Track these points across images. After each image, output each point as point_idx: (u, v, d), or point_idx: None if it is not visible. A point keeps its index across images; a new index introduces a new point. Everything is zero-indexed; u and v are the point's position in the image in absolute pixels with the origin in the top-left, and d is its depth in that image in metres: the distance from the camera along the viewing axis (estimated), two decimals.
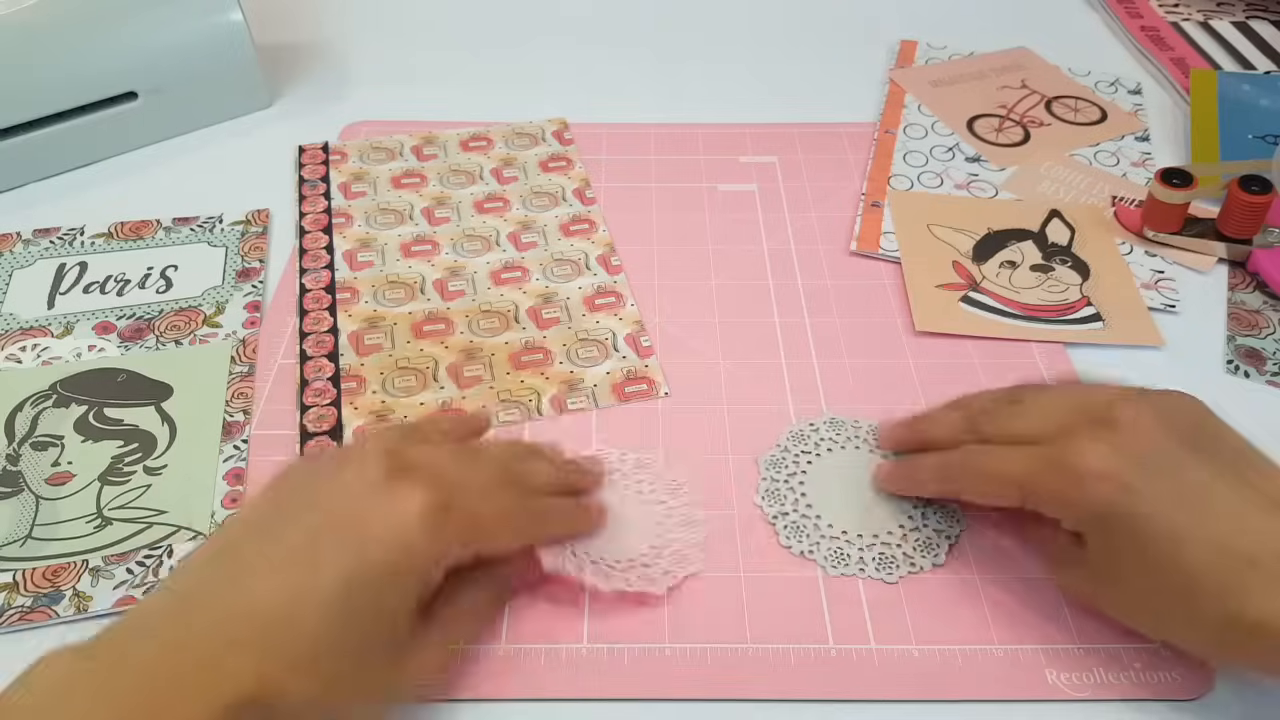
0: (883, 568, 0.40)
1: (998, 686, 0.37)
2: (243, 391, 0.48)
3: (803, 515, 0.42)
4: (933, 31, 0.76)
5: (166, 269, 0.55)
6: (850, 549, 0.41)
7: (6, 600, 0.39)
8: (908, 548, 0.41)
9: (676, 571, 0.40)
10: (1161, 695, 0.36)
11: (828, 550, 0.40)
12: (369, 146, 0.64)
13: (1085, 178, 0.61)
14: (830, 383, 0.48)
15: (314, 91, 0.70)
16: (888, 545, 0.41)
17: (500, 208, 0.59)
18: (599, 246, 0.56)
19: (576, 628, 0.38)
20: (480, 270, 0.55)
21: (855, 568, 0.40)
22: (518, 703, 0.36)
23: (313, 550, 0.31)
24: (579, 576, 0.37)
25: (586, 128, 0.66)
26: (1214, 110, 0.65)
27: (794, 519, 0.42)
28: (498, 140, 0.65)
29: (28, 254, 0.56)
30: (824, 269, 0.55)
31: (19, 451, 0.45)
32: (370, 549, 0.31)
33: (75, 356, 0.50)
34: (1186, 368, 0.49)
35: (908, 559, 0.40)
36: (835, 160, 0.63)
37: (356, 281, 0.54)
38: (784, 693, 0.36)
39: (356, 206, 0.59)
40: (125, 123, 0.63)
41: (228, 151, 0.64)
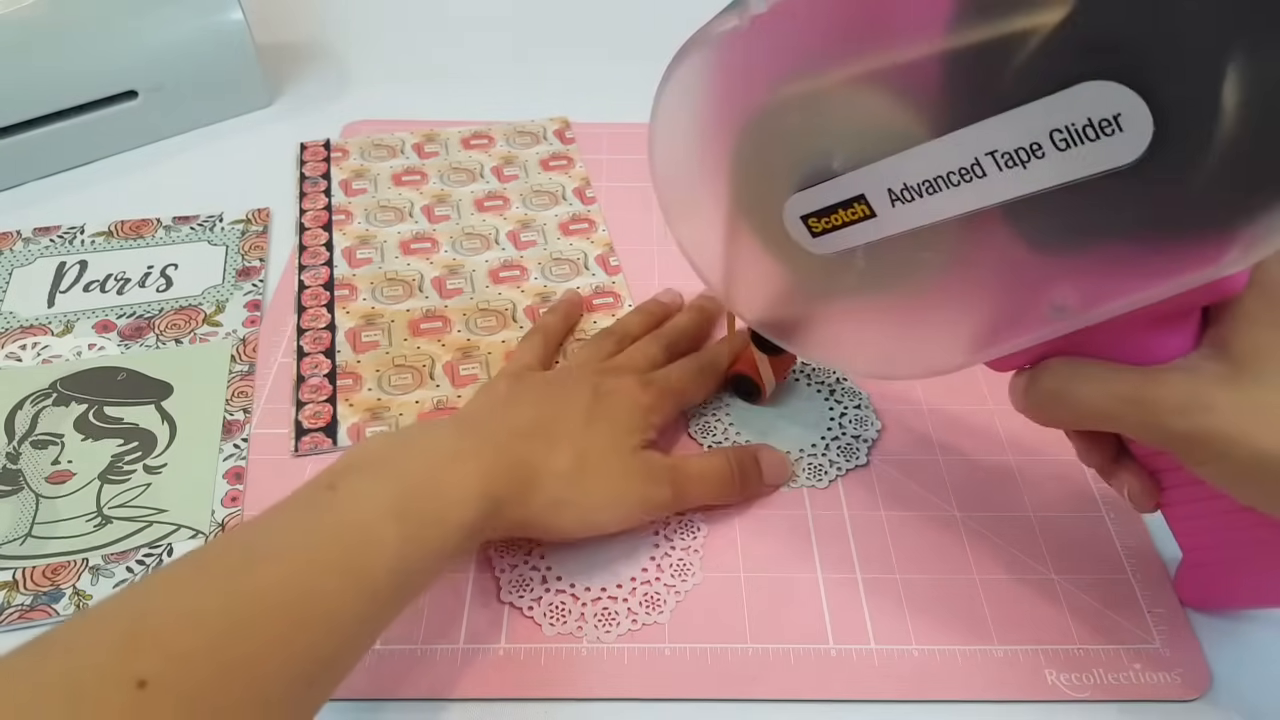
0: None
1: (998, 686, 0.37)
2: (243, 390, 0.48)
3: (532, 567, 0.41)
4: None
5: (167, 267, 0.55)
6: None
7: (6, 598, 0.39)
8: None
9: (842, 465, 0.44)
10: (1161, 695, 0.36)
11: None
12: (370, 144, 0.64)
13: None
14: None
15: (314, 91, 0.70)
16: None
17: (500, 206, 0.59)
18: (598, 246, 0.56)
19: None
20: (479, 269, 0.55)
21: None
22: (518, 703, 0.36)
23: (548, 422, 0.39)
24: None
25: (587, 127, 0.66)
26: None
27: (523, 571, 0.41)
28: (499, 138, 0.65)
29: (28, 252, 0.56)
30: None
31: (19, 450, 0.45)
32: (596, 433, 0.40)
33: (75, 355, 0.50)
34: None
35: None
36: None
37: (355, 278, 0.54)
38: (784, 693, 0.36)
39: (357, 204, 0.59)
40: (125, 122, 0.63)
41: (228, 150, 0.64)
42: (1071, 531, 0.42)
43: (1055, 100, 0.26)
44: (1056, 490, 0.43)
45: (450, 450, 0.35)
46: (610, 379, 0.42)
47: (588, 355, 0.45)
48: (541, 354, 0.46)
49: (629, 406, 0.41)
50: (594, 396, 0.41)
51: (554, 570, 0.40)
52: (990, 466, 0.45)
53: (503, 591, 0.39)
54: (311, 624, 0.29)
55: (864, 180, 0.32)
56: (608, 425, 0.40)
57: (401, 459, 0.34)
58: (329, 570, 0.30)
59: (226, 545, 0.31)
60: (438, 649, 0.38)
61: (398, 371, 0.48)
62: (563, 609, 0.39)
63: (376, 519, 0.31)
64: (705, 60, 0.35)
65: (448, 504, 0.33)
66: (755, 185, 0.36)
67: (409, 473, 0.34)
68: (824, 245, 0.34)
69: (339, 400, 0.47)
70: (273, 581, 0.29)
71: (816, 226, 0.34)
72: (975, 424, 0.46)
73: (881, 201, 0.32)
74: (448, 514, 0.33)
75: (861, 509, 0.43)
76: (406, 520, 0.32)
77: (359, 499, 0.32)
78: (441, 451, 0.35)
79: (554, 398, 0.41)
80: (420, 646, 0.38)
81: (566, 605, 0.39)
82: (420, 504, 0.33)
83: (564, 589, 0.39)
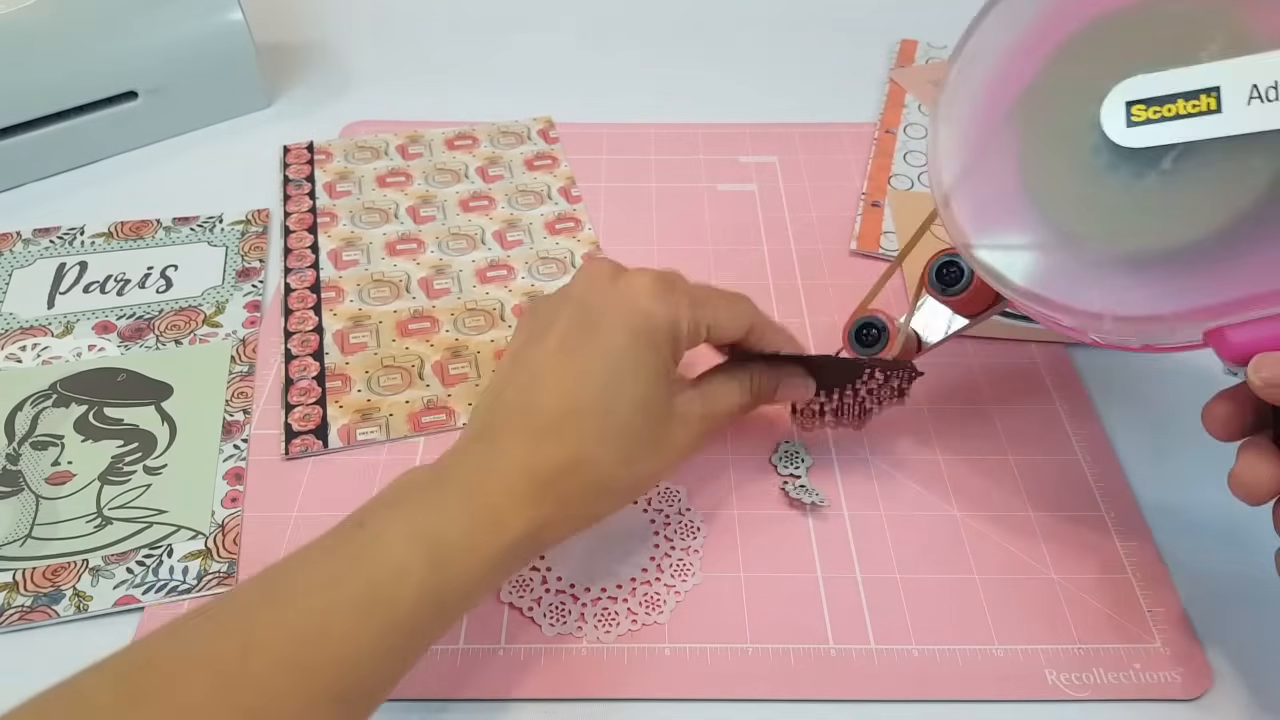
0: (603, 624, 0.39)
1: (998, 686, 0.37)
2: (243, 391, 0.48)
3: (532, 568, 0.39)
4: (933, 31, 0.76)
5: (166, 269, 0.55)
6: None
7: (6, 600, 0.39)
8: (633, 603, 0.39)
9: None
10: (1161, 695, 0.36)
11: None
12: (354, 146, 0.64)
13: None
14: None
15: (314, 91, 0.70)
16: (613, 600, 0.39)
17: (485, 206, 0.59)
18: (584, 245, 0.56)
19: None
20: (466, 269, 0.55)
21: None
22: (518, 703, 0.36)
23: (576, 357, 0.36)
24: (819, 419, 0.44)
25: (587, 127, 0.66)
26: None
27: (523, 572, 0.40)
28: (483, 139, 0.65)
29: (28, 253, 0.56)
30: (824, 269, 0.55)
31: (19, 451, 0.45)
32: (617, 329, 0.36)
33: (75, 356, 0.50)
34: (1187, 368, 0.49)
35: (630, 615, 0.39)
36: (835, 160, 0.63)
37: (341, 280, 0.54)
38: (784, 693, 0.36)
39: (341, 206, 0.59)
40: (125, 122, 0.63)
41: (228, 151, 0.64)
42: (1071, 531, 0.42)
43: None
44: (1056, 490, 0.43)
45: (476, 481, 0.33)
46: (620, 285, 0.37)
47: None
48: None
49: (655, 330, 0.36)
50: (629, 335, 0.36)
51: (554, 571, 0.40)
52: (990, 466, 0.45)
53: (503, 592, 0.39)
54: (330, 666, 0.28)
55: (1228, 72, 0.30)
56: (633, 375, 0.36)
57: (433, 490, 0.33)
58: (351, 609, 0.29)
59: (248, 587, 0.30)
60: (438, 649, 0.38)
61: (387, 372, 0.48)
62: (563, 609, 0.39)
63: (403, 551, 0.31)
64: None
65: (481, 533, 0.32)
66: (1084, 64, 0.33)
67: (440, 504, 0.32)
68: (1138, 137, 0.32)
69: (328, 402, 0.47)
70: (288, 626, 0.28)
71: (1140, 115, 0.32)
72: (975, 424, 0.46)
73: (1237, 97, 0.30)
74: (480, 543, 0.32)
75: (861, 509, 0.43)
76: (435, 551, 0.31)
77: (386, 533, 0.31)
78: (470, 482, 0.33)
79: (569, 350, 0.36)
80: None
81: (566, 605, 0.39)
82: (451, 535, 0.32)
83: (564, 589, 0.39)
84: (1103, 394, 0.48)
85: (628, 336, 0.36)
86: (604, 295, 0.37)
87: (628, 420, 0.35)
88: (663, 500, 0.43)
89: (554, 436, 0.34)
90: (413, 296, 0.53)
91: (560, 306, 0.37)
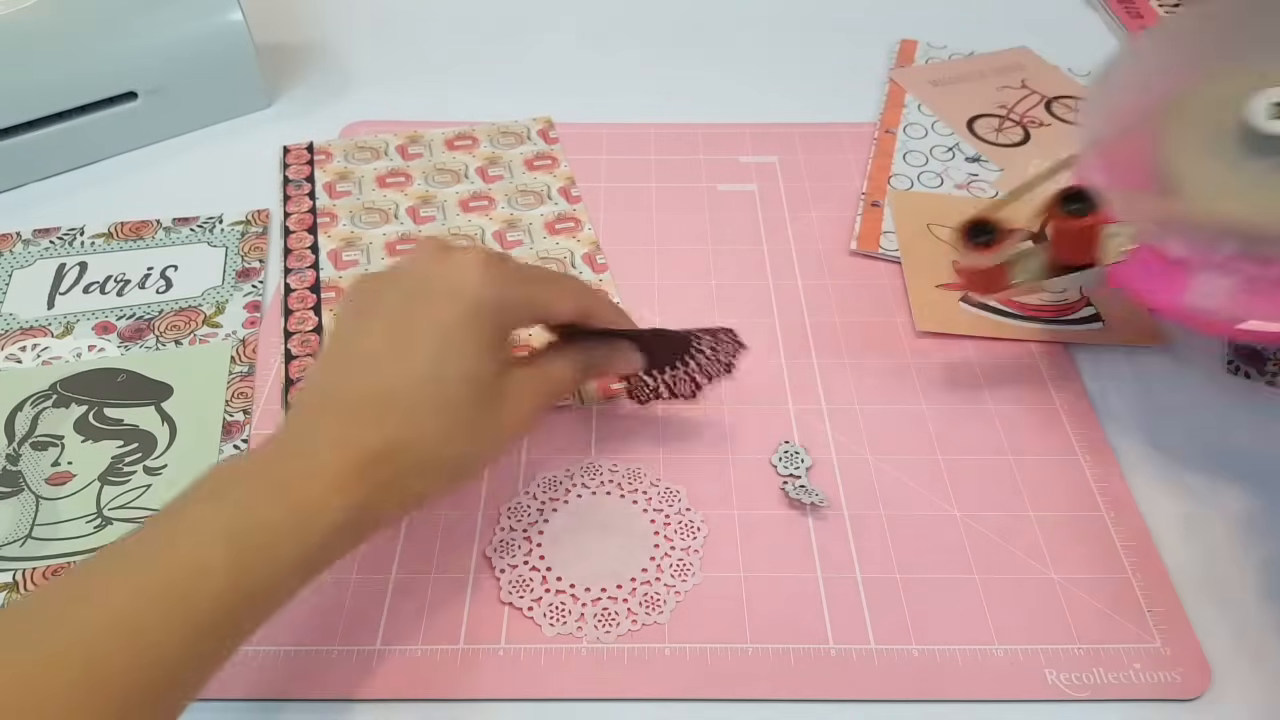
0: (603, 624, 0.38)
1: (998, 686, 0.37)
2: (243, 391, 0.48)
3: (532, 568, 0.40)
4: (933, 31, 0.76)
5: (166, 269, 0.55)
6: (573, 604, 0.39)
7: (6, 600, 0.39)
8: (633, 603, 0.39)
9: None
10: (1161, 695, 0.36)
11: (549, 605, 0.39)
12: (354, 146, 0.64)
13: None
14: (830, 383, 0.48)
15: (314, 91, 0.70)
16: (613, 600, 0.39)
17: (485, 206, 0.59)
18: (584, 245, 0.56)
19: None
20: None
21: (574, 625, 0.38)
22: (518, 703, 0.36)
23: (401, 332, 0.35)
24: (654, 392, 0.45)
25: (586, 127, 0.66)
26: None
27: (523, 572, 0.40)
28: (483, 139, 0.65)
29: (28, 254, 0.56)
30: (824, 269, 0.55)
31: (19, 451, 0.45)
32: (442, 305, 0.35)
33: (75, 356, 0.50)
34: (1187, 368, 0.49)
35: (630, 615, 0.39)
36: (835, 160, 0.63)
37: (341, 281, 0.54)
38: (784, 693, 0.36)
39: (341, 206, 0.59)
40: (125, 123, 0.63)
41: (228, 151, 0.64)
42: (1071, 531, 0.42)
43: None
44: (1056, 490, 0.43)
45: (289, 469, 0.32)
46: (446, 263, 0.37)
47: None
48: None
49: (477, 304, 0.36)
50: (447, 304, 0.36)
51: (554, 571, 0.40)
52: (990, 466, 0.45)
53: (503, 592, 0.39)
54: (134, 667, 0.27)
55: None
56: (459, 351, 0.35)
57: (242, 483, 0.32)
58: (153, 606, 0.28)
59: (51, 587, 0.29)
60: (438, 649, 0.38)
61: None
62: (563, 609, 0.39)
63: (207, 549, 0.30)
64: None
65: (293, 524, 0.31)
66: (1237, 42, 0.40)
67: (249, 497, 0.31)
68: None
69: None
70: (91, 624, 0.28)
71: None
72: (975, 424, 0.46)
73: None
74: (293, 534, 0.31)
75: (861, 509, 0.43)
76: (240, 546, 0.30)
77: (192, 527, 0.30)
78: (282, 471, 0.32)
79: (393, 328, 0.36)
80: (420, 647, 0.38)
81: (566, 605, 0.39)
82: (258, 528, 0.30)
83: (564, 589, 0.39)
84: (1102, 394, 0.48)
85: (453, 312, 0.35)
86: (430, 272, 0.36)
87: (452, 396, 0.34)
88: (663, 500, 0.43)
89: (371, 417, 0.33)
90: None
91: (386, 285, 0.37)
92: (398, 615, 0.39)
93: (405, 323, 0.35)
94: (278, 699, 0.36)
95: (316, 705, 0.36)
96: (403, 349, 0.34)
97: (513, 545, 0.41)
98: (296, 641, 0.38)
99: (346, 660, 0.37)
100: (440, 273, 0.36)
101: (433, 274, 0.36)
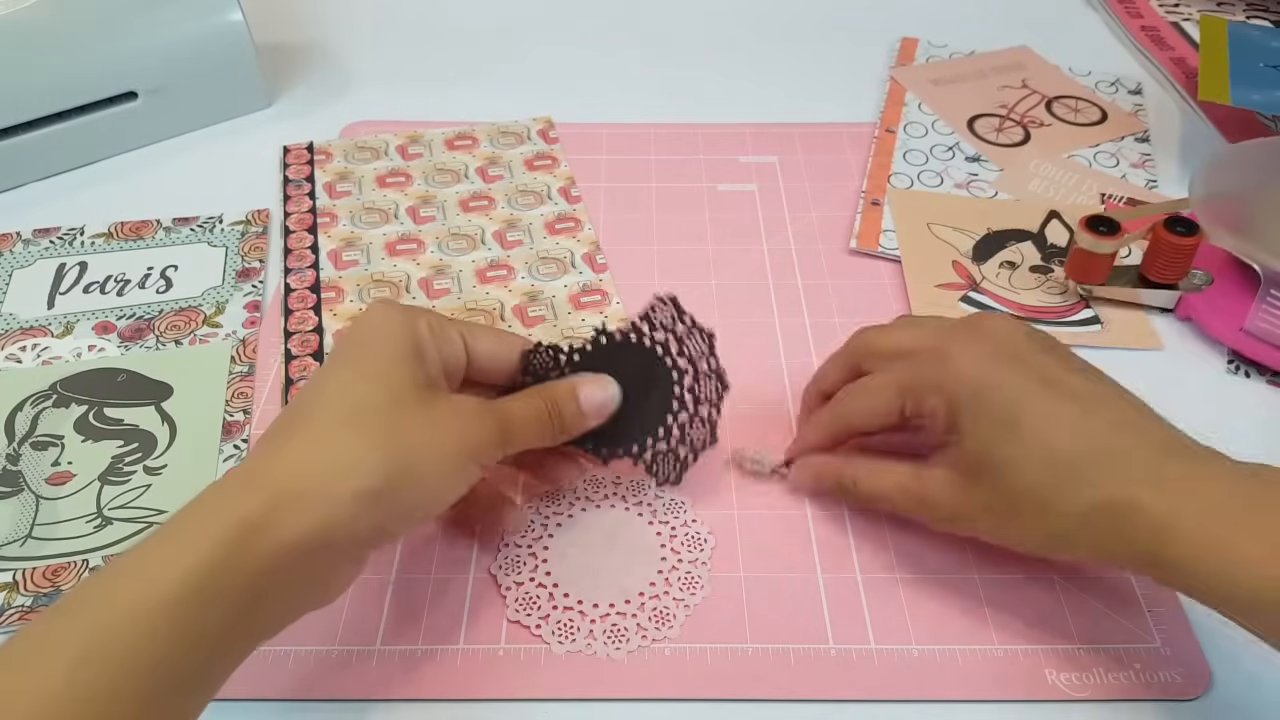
0: (612, 640, 0.38)
1: (998, 686, 0.37)
2: (243, 391, 0.48)
3: (539, 585, 0.40)
4: (934, 30, 0.76)
5: (166, 269, 0.55)
6: (582, 621, 0.38)
7: (6, 600, 0.39)
8: (642, 618, 0.39)
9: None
10: (1161, 695, 0.36)
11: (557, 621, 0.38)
12: (354, 146, 0.64)
13: (1074, 176, 0.61)
14: None
15: (314, 91, 0.70)
16: (621, 615, 0.39)
17: (485, 206, 0.59)
18: (584, 244, 0.56)
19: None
20: (465, 269, 0.55)
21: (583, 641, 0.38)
22: (517, 703, 0.36)
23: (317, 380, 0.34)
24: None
25: (586, 128, 0.66)
26: (1224, 46, 0.66)
27: (529, 589, 0.39)
28: (483, 139, 0.65)
29: (28, 254, 0.56)
30: (824, 268, 0.55)
31: (19, 451, 0.45)
32: (350, 343, 0.35)
33: (75, 356, 0.50)
34: (1187, 369, 0.49)
35: (640, 630, 0.38)
36: (835, 160, 0.63)
37: (341, 281, 0.54)
38: (784, 693, 0.36)
39: (341, 206, 0.59)
40: (125, 123, 0.63)
41: (228, 151, 0.64)
42: None
43: None
44: None
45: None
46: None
47: None
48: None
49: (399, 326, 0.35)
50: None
51: (561, 587, 0.39)
52: None
53: (509, 610, 0.39)
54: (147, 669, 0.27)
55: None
56: (378, 362, 0.34)
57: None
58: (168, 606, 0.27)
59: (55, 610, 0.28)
60: (438, 649, 0.38)
61: None
62: (571, 626, 0.38)
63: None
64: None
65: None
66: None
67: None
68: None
69: None
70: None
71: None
72: None
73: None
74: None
75: (861, 509, 0.43)
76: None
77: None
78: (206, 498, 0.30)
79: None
80: (420, 647, 0.38)
81: (575, 622, 0.38)
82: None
83: (571, 605, 0.39)
84: None
85: (360, 336, 0.35)
86: (357, 324, 0.36)
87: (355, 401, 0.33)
88: (668, 512, 0.42)
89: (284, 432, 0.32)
90: (413, 297, 0.53)
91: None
92: (398, 615, 0.39)
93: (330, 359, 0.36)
94: (278, 699, 0.36)
95: (317, 705, 0.36)
96: (315, 377, 0.35)
97: (518, 561, 0.40)
98: (296, 642, 0.38)
99: (346, 660, 0.37)
100: (361, 319, 0.36)
101: (357, 323, 0.36)
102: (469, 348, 0.37)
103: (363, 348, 0.35)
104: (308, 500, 0.30)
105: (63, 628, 0.27)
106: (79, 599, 0.28)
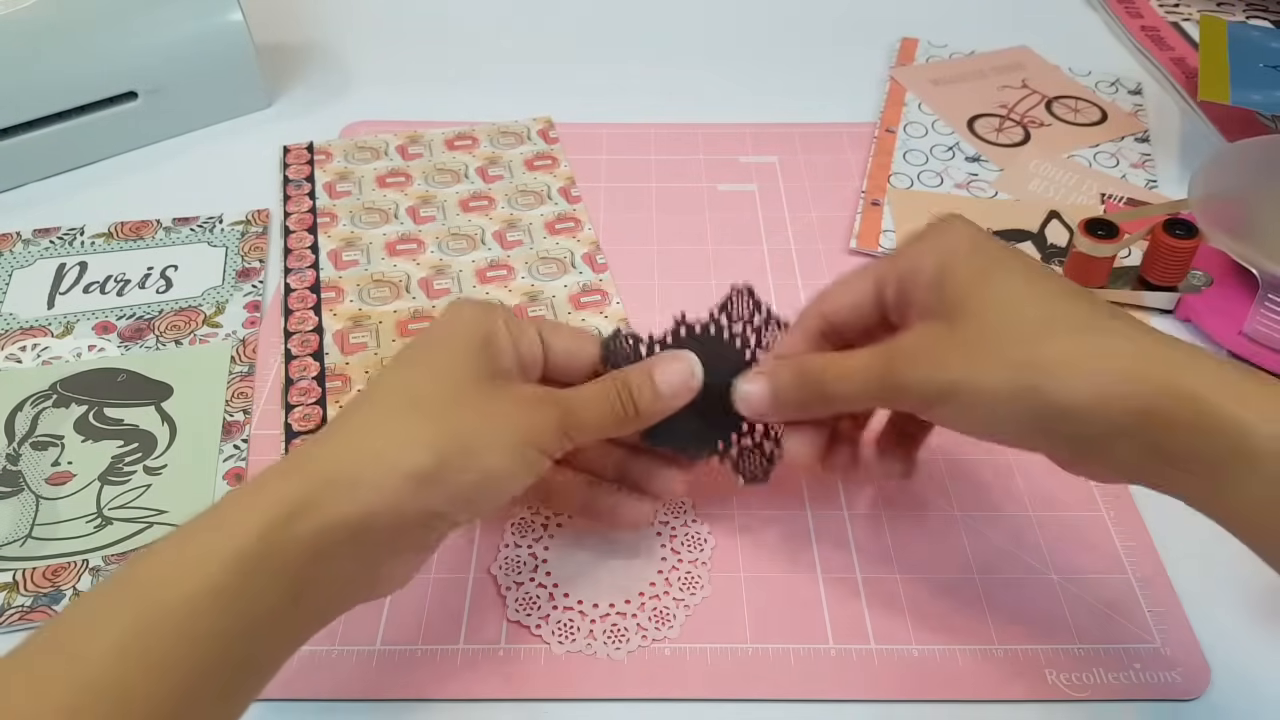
0: (612, 640, 0.38)
1: (998, 686, 0.37)
2: (243, 391, 0.48)
3: (539, 585, 0.40)
4: (934, 30, 0.76)
5: (166, 269, 0.55)
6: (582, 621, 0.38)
7: (6, 600, 0.39)
8: (642, 618, 0.39)
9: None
10: (1161, 695, 0.36)
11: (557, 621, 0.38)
12: (354, 146, 0.64)
13: (1074, 176, 0.61)
14: None
15: (314, 91, 0.70)
16: (621, 615, 0.39)
17: (485, 206, 0.59)
18: (584, 245, 0.56)
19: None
20: (465, 269, 0.55)
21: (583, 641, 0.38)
22: (517, 703, 0.36)
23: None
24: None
25: (587, 127, 0.66)
26: (1223, 46, 0.66)
27: (530, 589, 0.40)
28: (483, 139, 0.65)
29: (28, 254, 0.56)
30: (824, 269, 0.55)
31: (19, 451, 0.45)
32: (431, 336, 0.35)
33: (75, 356, 0.50)
34: None
35: (640, 630, 0.38)
36: (835, 160, 0.63)
37: (341, 280, 0.54)
38: (784, 693, 0.36)
39: (341, 206, 0.59)
40: (125, 123, 0.63)
41: (228, 151, 0.64)
42: (1071, 531, 0.42)
43: None
44: (1056, 490, 0.43)
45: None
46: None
47: None
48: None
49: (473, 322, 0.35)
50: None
51: (561, 588, 0.40)
52: (990, 466, 0.45)
53: (510, 610, 0.39)
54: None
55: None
56: (426, 357, 0.34)
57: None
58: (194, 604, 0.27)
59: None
60: (438, 649, 0.38)
61: None
62: (571, 626, 0.38)
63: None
64: None
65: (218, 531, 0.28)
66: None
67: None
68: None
69: (329, 402, 0.47)
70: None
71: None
72: None
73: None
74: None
75: (861, 509, 0.43)
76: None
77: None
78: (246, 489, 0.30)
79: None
80: (420, 647, 0.38)
81: (575, 622, 0.38)
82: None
83: (571, 606, 0.39)
84: None
85: (430, 332, 0.35)
86: (432, 324, 0.36)
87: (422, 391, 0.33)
88: (669, 513, 0.42)
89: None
90: (413, 297, 0.53)
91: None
92: (398, 615, 0.39)
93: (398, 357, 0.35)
94: (278, 699, 0.36)
95: (317, 705, 0.36)
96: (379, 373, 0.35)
97: (519, 562, 0.40)
98: None
99: (346, 660, 0.37)
100: (438, 320, 0.36)
101: (433, 323, 0.36)
102: (546, 344, 0.37)
103: (430, 342, 0.35)
104: (353, 482, 0.30)
105: (104, 613, 0.27)
106: (119, 583, 0.28)
